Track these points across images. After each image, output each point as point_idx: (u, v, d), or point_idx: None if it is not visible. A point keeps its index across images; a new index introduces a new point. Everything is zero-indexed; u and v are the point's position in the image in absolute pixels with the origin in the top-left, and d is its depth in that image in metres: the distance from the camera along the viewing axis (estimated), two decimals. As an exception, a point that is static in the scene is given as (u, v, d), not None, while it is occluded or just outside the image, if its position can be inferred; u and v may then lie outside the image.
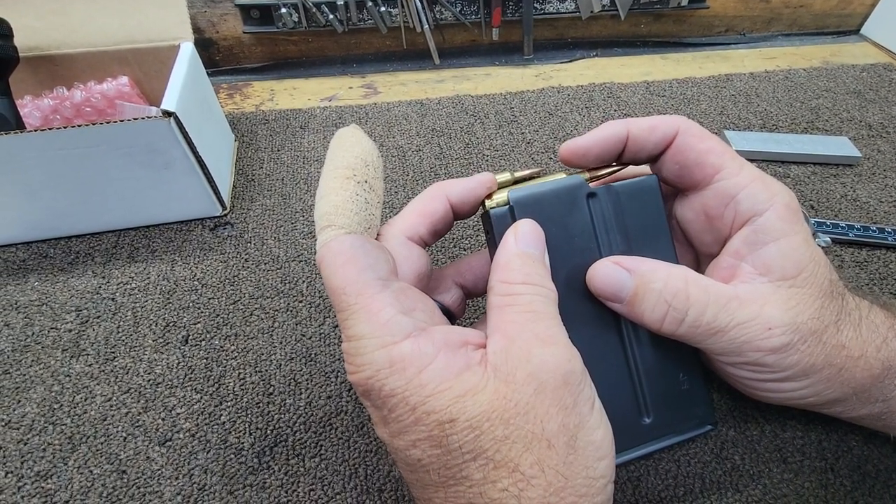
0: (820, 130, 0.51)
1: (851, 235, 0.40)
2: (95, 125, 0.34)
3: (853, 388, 0.23)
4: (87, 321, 0.36)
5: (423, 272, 0.24)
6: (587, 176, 0.25)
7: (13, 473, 0.29)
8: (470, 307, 0.36)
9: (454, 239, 0.41)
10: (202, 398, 0.32)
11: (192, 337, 0.35)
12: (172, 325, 0.35)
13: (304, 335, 0.35)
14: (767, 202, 0.23)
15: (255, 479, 0.28)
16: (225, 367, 0.33)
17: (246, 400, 0.32)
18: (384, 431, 0.20)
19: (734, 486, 0.28)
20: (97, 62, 0.44)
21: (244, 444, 0.30)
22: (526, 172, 0.26)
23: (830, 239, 0.40)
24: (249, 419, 0.31)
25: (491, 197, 0.25)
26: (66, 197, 0.38)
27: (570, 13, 0.63)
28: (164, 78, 0.38)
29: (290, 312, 0.36)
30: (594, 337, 0.24)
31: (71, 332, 0.35)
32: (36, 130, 0.33)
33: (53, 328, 0.35)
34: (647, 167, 0.27)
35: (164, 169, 0.38)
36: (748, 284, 0.23)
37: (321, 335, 0.35)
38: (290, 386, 0.32)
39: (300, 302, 0.37)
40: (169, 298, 0.37)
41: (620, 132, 0.25)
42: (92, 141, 0.35)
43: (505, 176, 0.26)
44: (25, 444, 0.30)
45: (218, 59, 0.62)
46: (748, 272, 0.24)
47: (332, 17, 0.58)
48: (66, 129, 0.33)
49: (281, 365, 0.33)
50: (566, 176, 0.25)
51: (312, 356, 0.34)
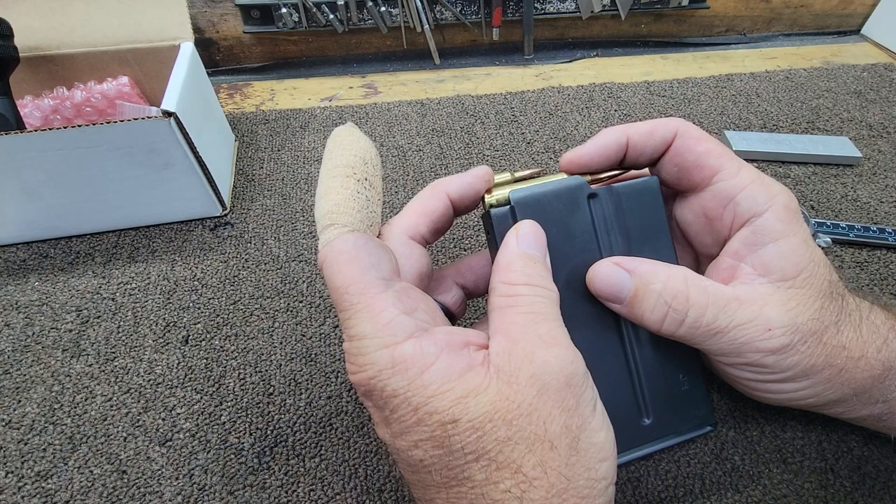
0: (820, 130, 0.51)
1: (852, 236, 0.40)
2: (96, 125, 0.34)
3: (854, 388, 0.23)
4: (87, 321, 0.36)
5: (424, 272, 0.24)
6: (588, 178, 0.25)
7: (13, 473, 0.29)
8: (470, 307, 0.36)
9: (454, 239, 0.41)
10: (202, 398, 0.32)
11: (192, 337, 0.35)
12: (173, 325, 0.35)
13: (304, 335, 0.35)
14: (766, 203, 0.24)
15: (255, 479, 0.28)
16: (225, 367, 0.33)
17: (246, 400, 0.32)
18: (385, 432, 0.20)
19: (734, 486, 0.28)
20: (97, 62, 0.44)
21: (244, 444, 0.30)
22: (526, 172, 0.26)
23: (831, 239, 0.40)
24: (249, 419, 0.31)
25: (490, 192, 0.25)
26: (66, 197, 0.38)
27: (570, 13, 0.63)
28: (164, 78, 0.38)
29: (290, 312, 0.36)
30: (595, 338, 0.24)
31: (71, 332, 0.35)
32: (36, 130, 0.33)
33: (54, 328, 0.35)
34: (646, 169, 0.27)
35: (164, 169, 0.38)
36: (748, 285, 0.23)
37: (321, 335, 0.35)
38: (290, 386, 0.32)
39: (300, 302, 0.37)
40: (169, 298, 0.37)
41: (620, 139, 0.25)
42: (92, 141, 0.35)
43: (505, 176, 0.26)
44: (26, 444, 0.30)
45: (218, 59, 0.62)
46: (748, 273, 0.24)
47: (332, 16, 0.58)
48: (66, 129, 0.33)
49: (281, 365, 0.33)
50: (567, 177, 0.25)
51: (313, 356, 0.34)
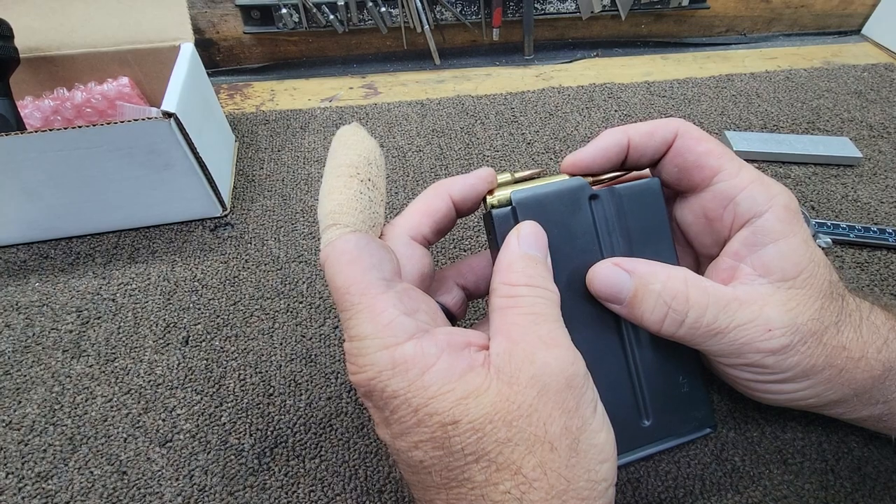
0: (821, 131, 0.51)
1: (852, 236, 0.40)
2: (96, 126, 0.34)
3: (854, 389, 0.23)
4: (87, 322, 0.36)
5: (426, 273, 0.24)
6: (590, 179, 0.25)
7: (14, 474, 0.29)
8: (470, 308, 0.36)
9: (455, 240, 0.41)
10: (202, 399, 0.32)
11: (192, 338, 0.35)
12: (173, 325, 0.35)
13: (304, 336, 0.35)
14: (766, 203, 0.23)
15: (255, 480, 0.28)
16: (225, 368, 0.33)
17: (246, 401, 0.32)
18: (386, 433, 0.20)
19: (734, 487, 0.28)
20: (97, 63, 0.44)
21: (244, 445, 0.30)
22: (527, 173, 0.26)
23: (831, 240, 0.40)
24: (250, 420, 0.31)
25: (492, 193, 0.25)
26: (66, 197, 0.38)
27: (570, 13, 0.63)
28: (164, 79, 0.38)
29: (290, 313, 0.36)
30: (595, 338, 0.24)
31: (71, 332, 0.35)
32: (36, 131, 0.33)
33: (54, 329, 0.35)
34: (646, 170, 0.27)
35: (164, 169, 0.38)
36: (748, 286, 0.23)
37: (321, 336, 0.35)
38: (290, 387, 0.32)
39: (300, 303, 0.37)
40: (169, 299, 0.37)
41: (621, 140, 0.25)
42: (92, 142, 0.35)
43: (505, 176, 0.26)
44: (26, 444, 0.30)
45: (218, 59, 0.62)
46: (748, 273, 0.23)
47: (332, 17, 0.58)
48: (66, 129, 0.33)
49: (281, 366, 0.33)
50: (569, 177, 0.25)
51: (313, 357, 0.34)
